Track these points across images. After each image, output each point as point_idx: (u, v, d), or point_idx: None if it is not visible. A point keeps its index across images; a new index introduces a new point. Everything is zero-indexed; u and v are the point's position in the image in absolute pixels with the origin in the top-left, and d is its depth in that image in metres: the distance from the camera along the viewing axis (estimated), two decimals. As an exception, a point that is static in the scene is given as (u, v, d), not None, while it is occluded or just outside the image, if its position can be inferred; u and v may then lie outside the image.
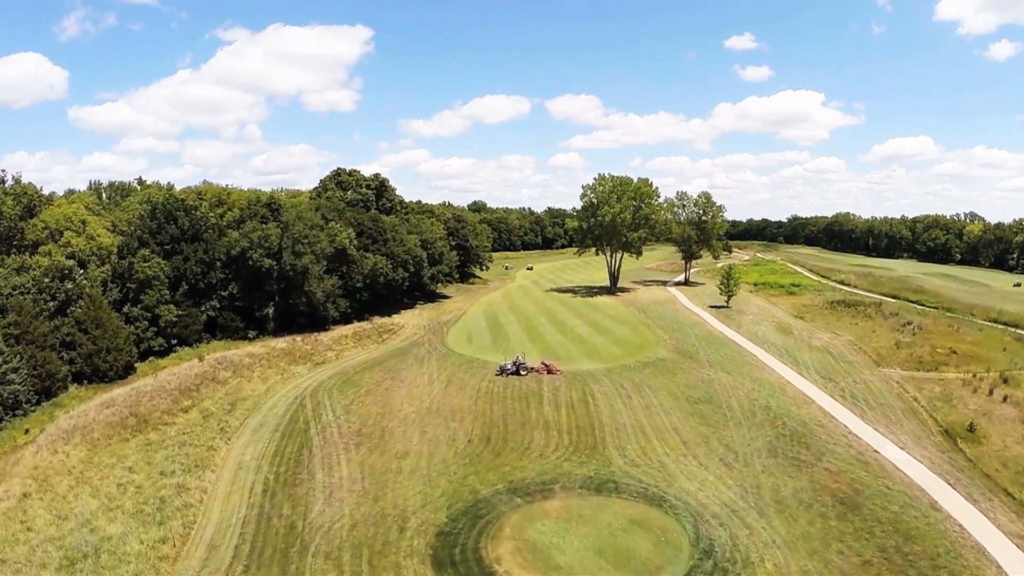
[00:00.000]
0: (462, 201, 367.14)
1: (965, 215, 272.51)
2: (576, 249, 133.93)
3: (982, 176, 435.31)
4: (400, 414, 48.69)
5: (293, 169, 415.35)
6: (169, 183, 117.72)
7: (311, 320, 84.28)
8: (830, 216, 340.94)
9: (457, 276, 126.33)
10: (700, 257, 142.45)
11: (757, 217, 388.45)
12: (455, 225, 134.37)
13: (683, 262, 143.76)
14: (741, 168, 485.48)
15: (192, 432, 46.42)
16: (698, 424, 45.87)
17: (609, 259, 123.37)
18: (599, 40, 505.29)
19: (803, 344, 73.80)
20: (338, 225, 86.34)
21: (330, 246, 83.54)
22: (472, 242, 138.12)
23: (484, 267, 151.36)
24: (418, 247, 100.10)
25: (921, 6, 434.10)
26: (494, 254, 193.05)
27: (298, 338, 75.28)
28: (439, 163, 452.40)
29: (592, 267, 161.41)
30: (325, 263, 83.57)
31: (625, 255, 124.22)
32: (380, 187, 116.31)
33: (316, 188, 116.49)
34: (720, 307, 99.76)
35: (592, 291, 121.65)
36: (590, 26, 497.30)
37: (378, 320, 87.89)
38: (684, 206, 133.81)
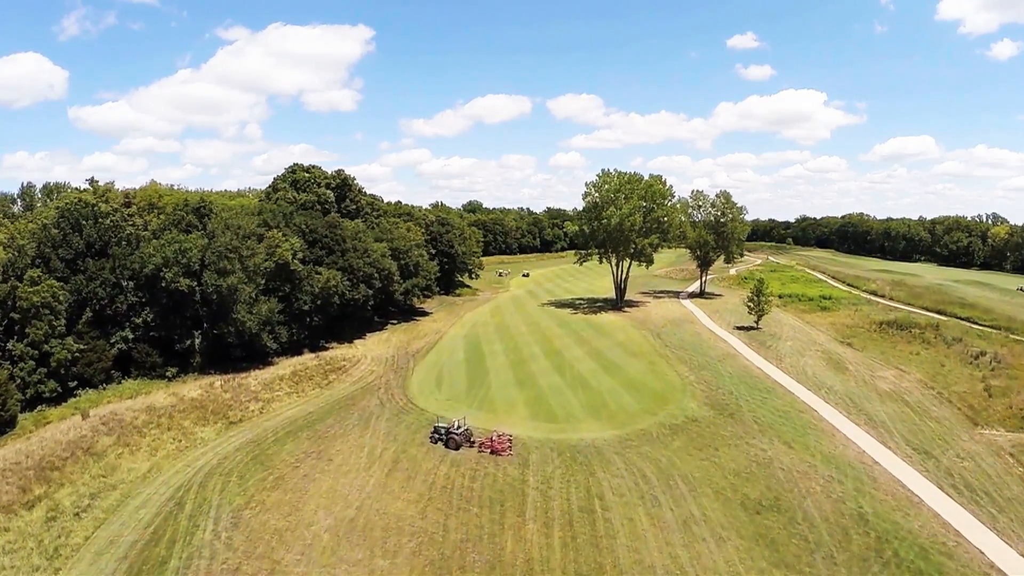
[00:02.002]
0: (462, 201, 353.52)
1: (987, 216, 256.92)
2: (577, 253, 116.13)
3: (984, 176, 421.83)
4: (309, 533, 32.09)
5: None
6: (109, 184, 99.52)
7: (249, 352, 67.97)
8: (841, 217, 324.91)
9: (439, 288, 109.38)
10: (713, 262, 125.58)
11: (762, 217, 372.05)
12: (438, 229, 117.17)
13: (696, 268, 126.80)
14: (742, 168, 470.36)
15: (19, 551, 32.88)
16: (769, 563, 29.03)
17: (615, 268, 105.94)
18: (600, 39, 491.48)
19: (868, 388, 57.56)
20: (281, 233, 69.51)
21: (269, 260, 66.84)
22: (458, 248, 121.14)
23: (473, 275, 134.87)
24: (387, 258, 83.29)
25: (923, 6, 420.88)
26: (489, 259, 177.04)
27: (220, 381, 58.79)
28: (440, 163, 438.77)
29: (594, 273, 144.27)
30: (262, 281, 66.94)
31: (632, 262, 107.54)
32: (342, 186, 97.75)
33: (266, 188, 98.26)
34: (749, 328, 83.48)
35: (596, 306, 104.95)
36: (591, 26, 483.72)
37: (331, 351, 71.00)
38: (700, 207, 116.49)
